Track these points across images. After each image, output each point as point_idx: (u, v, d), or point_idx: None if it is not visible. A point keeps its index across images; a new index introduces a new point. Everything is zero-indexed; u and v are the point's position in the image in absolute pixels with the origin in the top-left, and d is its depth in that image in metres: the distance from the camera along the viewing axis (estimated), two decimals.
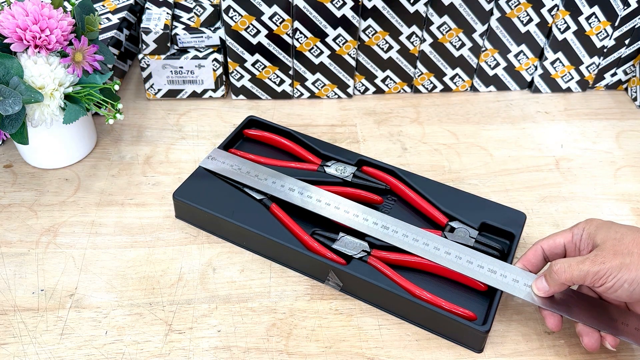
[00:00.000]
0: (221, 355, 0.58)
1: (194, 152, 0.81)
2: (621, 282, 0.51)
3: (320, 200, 0.65)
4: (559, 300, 0.57)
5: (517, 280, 0.59)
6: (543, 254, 0.60)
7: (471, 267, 0.61)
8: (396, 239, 0.64)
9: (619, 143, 0.86)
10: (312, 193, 0.66)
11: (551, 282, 0.56)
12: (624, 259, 0.52)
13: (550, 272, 0.56)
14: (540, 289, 0.57)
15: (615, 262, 0.52)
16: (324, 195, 0.66)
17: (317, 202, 0.65)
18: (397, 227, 0.64)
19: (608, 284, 0.52)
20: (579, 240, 0.58)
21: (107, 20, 0.89)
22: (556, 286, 0.56)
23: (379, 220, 0.65)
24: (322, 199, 0.65)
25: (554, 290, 0.56)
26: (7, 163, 0.78)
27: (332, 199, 0.65)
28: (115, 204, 0.73)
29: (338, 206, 0.65)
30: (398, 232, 0.64)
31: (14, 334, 0.59)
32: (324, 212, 0.65)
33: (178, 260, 0.67)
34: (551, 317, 0.57)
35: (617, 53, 0.90)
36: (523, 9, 0.85)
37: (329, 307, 0.63)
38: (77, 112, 0.69)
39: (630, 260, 0.52)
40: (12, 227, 0.70)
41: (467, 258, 0.62)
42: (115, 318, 0.61)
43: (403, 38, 0.86)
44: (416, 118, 0.89)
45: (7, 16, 0.66)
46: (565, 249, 0.59)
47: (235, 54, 0.85)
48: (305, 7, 0.81)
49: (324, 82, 0.90)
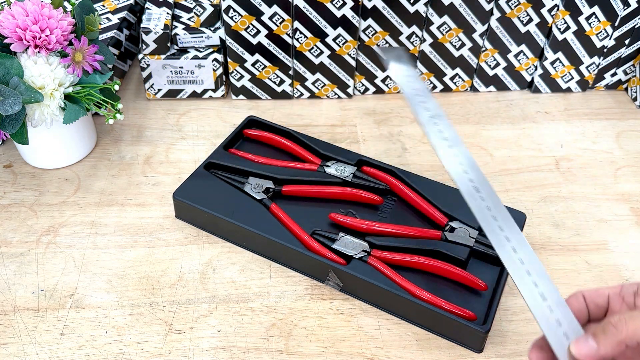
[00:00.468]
0: (221, 355, 0.58)
1: (194, 152, 0.81)
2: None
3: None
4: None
5: (560, 324, 0.45)
6: (585, 305, 0.47)
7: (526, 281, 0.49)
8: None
9: (619, 143, 0.86)
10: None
11: (604, 340, 0.42)
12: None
13: (606, 326, 0.42)
14: (584, 351, 0.42)
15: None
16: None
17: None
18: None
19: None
20: (631, 294, 0.46)
21: (107, 20, 0.89)
22: (611, 345, 0.41)
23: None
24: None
25: (605, 352, 0.42)
26: (7, 163, 0.78)
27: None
28: (115, 204, 0.73)
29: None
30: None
31: (14, 334, 0.59)
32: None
33: (178, 260, 0.67)
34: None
35: (617, 53, 0.90)
36: (523, 9, 0.85)
37: (329, 307, 0.63)
38: (77, 112, 0.69)
39: None
40: (12, 227, 0.70)
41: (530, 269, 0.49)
42: (115, 318, 0.61)
43: (403, 38, 0.86)
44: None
45: (7, 16, 0.66)
46: (608, 301, 0.47)
47: (235, 54, 0.85)
48: (305, 7, 0.81)
49: (324, 82, 0.90)
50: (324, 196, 0.71)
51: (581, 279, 0.67)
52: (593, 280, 0.67)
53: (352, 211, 0.70)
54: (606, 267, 0.68)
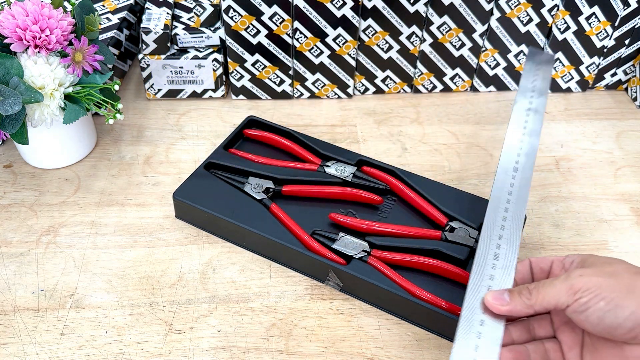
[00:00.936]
0: (221, 355, 0.58)
1: (194, 152, 0.81)
2: (597, 299, 0.44)
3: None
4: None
5: (492, 278, 0.51)
6: (530, 266, 0.53)
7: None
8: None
9: (619, 143, 0.86)
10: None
11: (516, 299, 0.47)
12: (608, 279, 0.45)
13: (523, 288, 0.47)
14: (494, 301, 0.47)
15: (595, 278, 0.45)
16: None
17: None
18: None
19: (582, 299, 0.44)
20: (569, 263, 0.51)
21: (107, 20, 0.89)
22: (520, 306, 0.46)
23: None
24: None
25: (511, 310, 0.47)
26: (7, 163, 0.78)
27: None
28: (115, 204, 0.73)
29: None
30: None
31: (14, 334, 0.59)
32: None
33: (178, 260, 0.67)
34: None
35: (617, 53, 0.90)
36: (523, 9, 0.85)
37: (329, 307, 0.63)
38: (77, 112, 0.69)
39: (614, 282, 0.44)
40: (12, 227, 0.70)
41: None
42: (115, 318, 0.61)
43: (403, 38, 0.86)
44: (416, 118, 0.89)
45: (7, 16, 0.66)
46: (551, 266, 0.52)
47: (235, 54, 0.85)
48: (305, 7, 0.81)
49: (324, 82, 0.90)
50: (324, 196, 0.71)
51: None
52: None
53: (352, 211, 0.70)
54: None
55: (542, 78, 0.71)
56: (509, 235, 0.54)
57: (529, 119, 0.66)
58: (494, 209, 0.57)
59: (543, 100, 0.68)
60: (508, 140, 0.64)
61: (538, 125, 0.65)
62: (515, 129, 0.65)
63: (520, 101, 0.68)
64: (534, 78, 0.70)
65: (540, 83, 0.69)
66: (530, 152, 0.62)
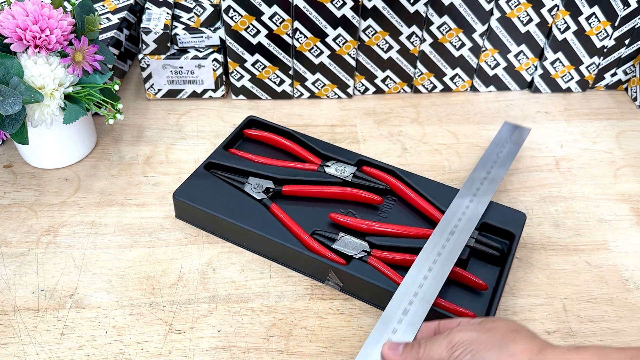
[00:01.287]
0: (221, 355, 0.58)
1: (194, 152, 0.81)
2: (466, 352, 0.47)
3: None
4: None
5: (400, 322, 0.55)
6: (437, 328, 0.55)
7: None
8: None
9: (619, 143, 0.86)
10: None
11: (408, 351, 0.51)
12: (483, 335, 0.48)
13: (415, 343, 0.51)
14: (389, 352, 0.52)
15: (471, 334, 0.48)
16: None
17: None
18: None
19: (456, 352, 0.48)
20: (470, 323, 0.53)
21: (107, 20, 0.89)
22: (411, 357, 0.51)
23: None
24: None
25: (404, 359, 0.51)
26: (7, 163, 0.78)
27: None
28: (115, 204, 0.73)
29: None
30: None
31: (14, 334, 0.59)
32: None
33: (178, 260, 0.67)
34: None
35: (617, 53, 0.90)
36: (523, 9, 0.85)
37: (329, 307, 0.63)
38: (77, 112, 0.69)
39: (487, 337, 0.48)
40: (12, 227, 0.70)
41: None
42: (115, 318, 0.61)
43: (403, 38, 0.86)
44: (416, 118, 0.89)
45: (7, 16, 0.66)
46: (460, 324, 0.53)
47: (235, 54, 0.85)
48: (305, 7, 0.81)
49: (324, 82, 0.90)
50: (324, 196, 0.71)
51: (581, 279, 0.67)
52: (593, 280, 0.67)
53: (352, 211, 0.70)
54: (606, 267, 0.68)
55: (508, 152, 0.74)
56: (424, 294, 0.57)
57: (481, 186, 0.69)
58: (418, 267, 0.60)
59: (502, 171, 0.71)
60: (454, 203, 0.67)
61: (489, 194, 0.68)
62: (464, 194, 0.68)
63: (477, 171, 0.71)
64: (499, 150, 0.72)
65: (504, 155, 0.72)
66: (472, 218, 0.65)
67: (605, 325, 0.62)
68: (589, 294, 0.65)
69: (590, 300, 0.65)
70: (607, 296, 0.65)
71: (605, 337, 0.61)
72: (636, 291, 0.66)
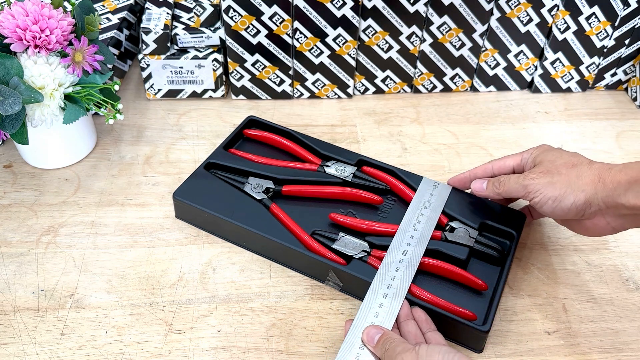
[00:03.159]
0: (221, 355, 0.58)
1: (194, 152, 0.81)
2: (546, 198, 0.58)
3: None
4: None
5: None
6: (492, 172, 0.67)
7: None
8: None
9: (619, 143, 0.86)
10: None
11: (490, 187, 0.64)
12: (552, 178, 0.59)
13: (495, 180, 0.64)
14: (477, 188, 0.65)
15: (543, 180, 0.59)
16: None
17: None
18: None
19: (536, 199, 0.59)
20: (526, 164, 0.64)
21: (107, 20, 0.89)
22: (492, 193, 0.64)
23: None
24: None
25: (488, 194, 0.65)
26: (7, 163, 0.78)
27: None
28: (115, 204, 0.73)
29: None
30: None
31: (14, 334, 0.59)
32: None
33: (178, 260, 0.67)
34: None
35: (617, 53, 0.91)
36: (523, 9, 0.85)
37: (329, 307, 0.63)
38: (77, 112, 0.69)
39: (556, 179, 0.58)
40: (12, 227, 0.70)
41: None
42: (115, 318, 0.61)
43: (403, 38, 0.86)
44: (416, 118, 0.89)
45: (7, 16, 0.66)
46: (513, 171, 0.66)
47: (235, 54, 0.85)
48: (305, 7, 0.81)
49: (324, 82, 0.90)
50: (324, 196, 0.71)
51: (581, 279, 0.67)
52: (593, 280, 0.67)
53: (352, 211, 0.70)
54: (606, 267, 0.68)
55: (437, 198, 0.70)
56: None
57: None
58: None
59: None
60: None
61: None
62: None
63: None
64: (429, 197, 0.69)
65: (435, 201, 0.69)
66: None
67: (605, 325, 0.62)
68: (589, 294, 0.65)
69: (590, 300, 0.65)
70: (607, 296, 0.65)
71: (605, 337, 0.61)
72: (636, 291, 0.66)
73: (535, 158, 0.63)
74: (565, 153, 0.61)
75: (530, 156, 0.64)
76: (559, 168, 0.59)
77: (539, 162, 0.62)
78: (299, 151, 0.77)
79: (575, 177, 0.58)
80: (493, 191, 0.64)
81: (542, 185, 0.59)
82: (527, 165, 0.64)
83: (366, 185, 0.72)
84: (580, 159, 0.60)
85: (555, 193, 0.58)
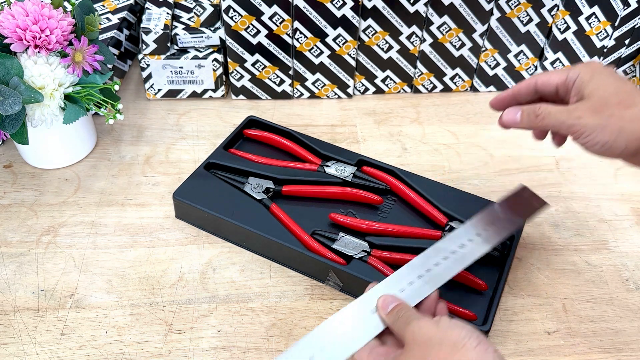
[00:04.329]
0: (221, 355, 0.58)
1: (194, 152, 0.81)
2: (593, 142, 0.51)
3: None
4: None
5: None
6: (535, 88, 0.58)
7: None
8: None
9: None
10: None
11: (526, 118, 0.55)
12: (602, 121, 0.51)
13: (532, 110, 0.55)
14: (509, 119, 0.56)
15: (591, 121, 0.51)
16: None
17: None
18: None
19: (581, 140, 0.52)
20: (571, 85, 0.55)
21: (107, 20, 0.89)
22: (529, 123, 0.55)
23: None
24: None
25: (524, 125, 0.56)
26: (7, 163, 0.78)
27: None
28: (115, 204, 0.73)
29: None
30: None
31: (14, 334, 0.59)
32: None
33: (178, 260, 0.67)
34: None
35: (617, 53, 0.90)
36: (523, 9, 0.85)
37: (329, 307, 0.63)
38: (77, 112, 0.69)
39: (607, 122, 0.51)
40: (12, 227, 0.70)
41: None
42: (115, 318, 0.61)
43: (403, 38, 0.86)
44: (416, 118, 0.89)
45: (7, 16, 0.66)
46: (557, 90, 0.57)
47: (235, 54, 0.85)
48: (305, 7, 0.81)
49: (324, 82, 0.90)
50: (324, 196, 0.71)
51: (581, 279, 0.67)
52: (593, 280, 0.67)
53: (352, 211, 0.70)
54: (606, 267, 0.68)
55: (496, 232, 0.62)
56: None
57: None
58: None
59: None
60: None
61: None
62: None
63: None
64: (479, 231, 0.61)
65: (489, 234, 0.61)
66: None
67: (605, 325, 0.62)
68: (589, 294, 0.65)
69: (590, 300, 0.65)
70: (607, 296, 0.65)
71: (605, 337, 0.61)
72: (636, 291, 0.66)
73: (583, 85, 0.54)
74: (620, 85, 0.53)
75: (578, 79, 0.54)
76: (611, 107, 0.51)
77: (588, 95, 0.53)
78: (299, 151, 0.77)
79: (629, 121, 0.50)
80: (529, 124, 0.55)
81: (591, 128, 0.51)
82: (573, 90, 0.55)
83: (366, 185, 0.72)
84: (636, 98, 0.52)
85: (605, 138, 0.51)
